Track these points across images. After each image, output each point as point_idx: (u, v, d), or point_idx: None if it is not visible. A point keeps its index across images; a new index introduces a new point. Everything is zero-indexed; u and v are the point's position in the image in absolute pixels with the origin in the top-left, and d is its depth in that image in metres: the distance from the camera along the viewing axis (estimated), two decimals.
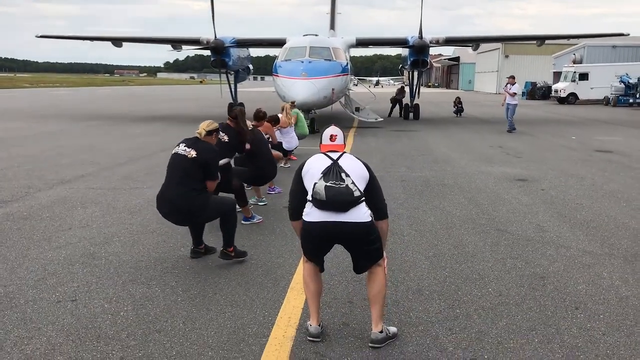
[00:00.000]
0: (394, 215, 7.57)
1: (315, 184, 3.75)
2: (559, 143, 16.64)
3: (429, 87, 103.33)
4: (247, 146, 7.47)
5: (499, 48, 69.61)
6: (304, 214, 3.89)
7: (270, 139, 9.35)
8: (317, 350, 3.83)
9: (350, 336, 4.04)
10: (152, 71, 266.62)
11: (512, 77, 20.59)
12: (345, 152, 3.98)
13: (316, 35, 22.04)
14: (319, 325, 4.01)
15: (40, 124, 21.15)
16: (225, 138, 7.01)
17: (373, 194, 3.91)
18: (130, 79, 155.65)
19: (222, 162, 6.30)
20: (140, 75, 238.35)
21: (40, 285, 4.97)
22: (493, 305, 4.62)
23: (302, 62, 18.85)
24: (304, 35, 21.72)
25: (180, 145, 5.50)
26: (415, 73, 26.60)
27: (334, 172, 3.77)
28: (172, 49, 28.03)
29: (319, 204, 3.73)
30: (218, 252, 5.71)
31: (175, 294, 4.80)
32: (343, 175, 3.75)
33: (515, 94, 20.02)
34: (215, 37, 23.06)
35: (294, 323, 4.24)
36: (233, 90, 26.43)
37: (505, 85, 20.46)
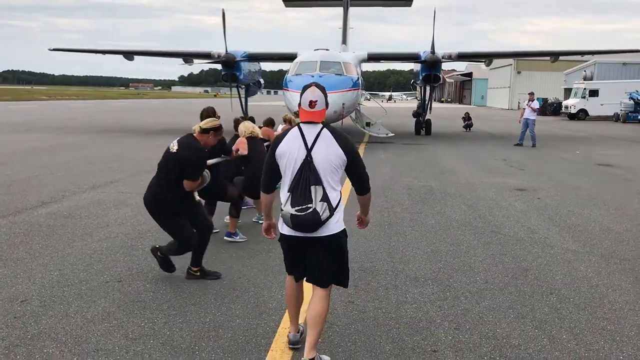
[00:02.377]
0: (398, 218, 8.34)
1: (281, 210, 3.69)
2: (562, 157, 17.31)
3: (442, 102, 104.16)
4: (245, 152, 7.20)
5: (511, 64, 70.32)
6: (278, 224, 3.86)
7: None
8: (326, 320, 4.58)
9: (355, 311, 4.80)
10: (166, 84, 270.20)
11: (532, 94, 21.59)
12: (324, 128, 3.71)
13: (327, 49, 22.23)
14: (298, 332, 4.14)
15: (64, 134, 22.15)
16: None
17: (353, 172, 3.79)
18: (145, 92, 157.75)
19: (211, 161, 6.23)
20: (155, 88, 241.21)
21: (89, 269, 5.78)
22: (479, 290, 5.35)
23: (313, 76, 18.81)
24: (315, 50, 21.94)
25: (177, 139, 5.44)
26: (428, 88, 26.48)
27: (303, 183, 3.61)
28: (183, 62, 28.50)
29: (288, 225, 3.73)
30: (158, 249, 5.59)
31: None
32: (312, 190, 3.59)
33: (537, 109, 21.07)
34: (227, 51, 23.43)
35: (307, 300, 4.99)
36: (244, 104, 26.73)
37: (527, 102, 21.20)
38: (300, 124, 3.74)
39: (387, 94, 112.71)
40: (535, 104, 21.01)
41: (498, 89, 78.42)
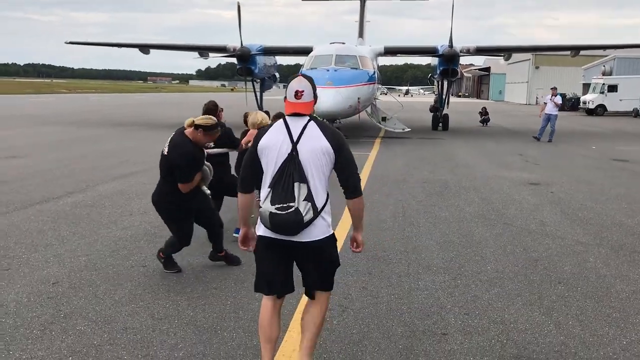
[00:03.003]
0: (413, 210, 8.51)
1: (259, 207, 3.33)
2: (578, 152, 17.32)
3: (459, 97, 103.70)
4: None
5: (529, 59, 69.78)
6: (256, 226, 3.47)
7: None
8: (341, 304, 4.80)
9: (368, 296, 5.01)
10: (184, 78, 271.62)
11: (555, 89, 21.52)
12: (311, 121, 3.36)
13: (343, 43, 21.99)
14: None
15: (83, 128, 22.58)
16: (211, 145, 6.22)
17: (341, 171, 3.38)
18: (163, 86, 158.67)
19: (213, 151, 6.19)
20: (173, 82, 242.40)
21: (114, 255, 6.06)
22: (489, 279, 5.54)
23: (328, 70, 18.67)
24: (331, 44, 21.74)
25: (170, 137, 5.38)
26: (445, 82, 26.15)
27: (286, 179, 3.24)
28: (199, 56, 28.30)
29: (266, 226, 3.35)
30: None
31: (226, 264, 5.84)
32: (295, 187, 3.23)
33: (560, 104, 21.14)
34: (242, 44, 23.35)
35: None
36: (259, 98, 26.55)
37: (550, 97, 21.15)
38: (286, 117, 3.40)
39: (404, 88, 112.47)
40: (558, 99, 21.04)
41: (516, 84, 77.89)
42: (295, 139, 3.28)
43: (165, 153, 5.21)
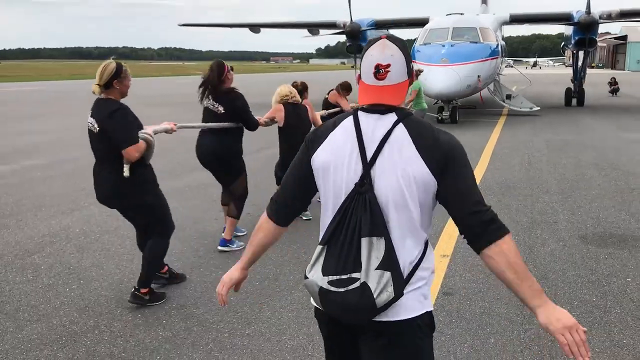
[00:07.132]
0: (536, 160, 10.58)
1: (305, 277, 1.93)
2: None
3: (592, 67, 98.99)
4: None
5: None
6: (307, 269, 1.93)
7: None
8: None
9: (502, 206, 7.32)
10: (304, 57, 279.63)
11: None
12: (400, 122, 1.85)
13: (461, 14, 20.05)
14: None
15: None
16: (221, 109, 5.43)
17: (454, 208, 1.88)
18: (285, 65, 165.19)
19: (212, 125, 5.45)
20: (294, 61, 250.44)
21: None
22: (592, 198, 7.64)
23: (444, 45, 16.99)
24: (447, 15, 20.05)
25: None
26: (580, 53, 23.37)
27: (348, 229, 1.82)
28: (309, 34, 27.77)
29: None
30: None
31: None
32: (364, 244, 1.80)
33: None
34: (351, 20, 22.14)
35: None
36: None
37: None
38: (359, 112, 1.93)
39: (532, 60, 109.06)
40: None
41: None
42: (369, 156, 1.85)
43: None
